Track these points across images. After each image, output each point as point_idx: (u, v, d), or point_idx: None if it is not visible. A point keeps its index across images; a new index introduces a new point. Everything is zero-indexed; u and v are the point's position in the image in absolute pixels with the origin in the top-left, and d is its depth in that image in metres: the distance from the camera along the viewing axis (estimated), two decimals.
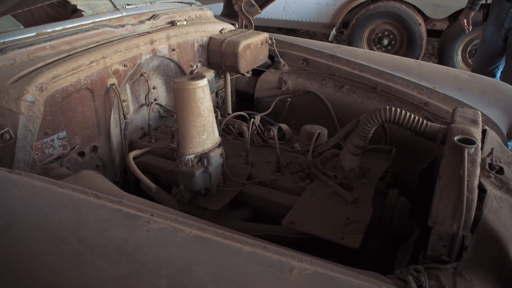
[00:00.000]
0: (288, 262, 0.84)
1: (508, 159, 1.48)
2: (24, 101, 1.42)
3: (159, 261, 0.81)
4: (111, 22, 1.96)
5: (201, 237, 0.89)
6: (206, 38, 2.27)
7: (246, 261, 0.83)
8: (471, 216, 1.07)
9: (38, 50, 1.63)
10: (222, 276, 0.78)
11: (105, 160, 1.88)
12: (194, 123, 1.44)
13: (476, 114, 1.53)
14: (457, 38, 5.20)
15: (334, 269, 0.88)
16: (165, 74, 2.16)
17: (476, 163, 1.21)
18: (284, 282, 0.79)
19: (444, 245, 1.07)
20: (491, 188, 1.26)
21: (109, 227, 0.91)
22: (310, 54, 2.46)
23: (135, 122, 2.05)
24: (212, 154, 1.51)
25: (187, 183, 1.51)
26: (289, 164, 1.75)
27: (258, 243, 0.91)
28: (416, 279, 0.97)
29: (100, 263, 0.80)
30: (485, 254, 1.06)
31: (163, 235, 0.89)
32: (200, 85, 1.41)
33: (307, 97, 2.33)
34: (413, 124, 1.44)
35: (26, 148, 1.46)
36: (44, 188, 1.06)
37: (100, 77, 1.73)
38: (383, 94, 2.14)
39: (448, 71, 2.29)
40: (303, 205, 1.44)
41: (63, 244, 0.85)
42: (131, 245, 0.85)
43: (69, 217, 0.94)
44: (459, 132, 1.35)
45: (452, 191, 1.11)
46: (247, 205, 1.66)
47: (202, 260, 0.81)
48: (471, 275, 1.01)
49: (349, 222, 1.35)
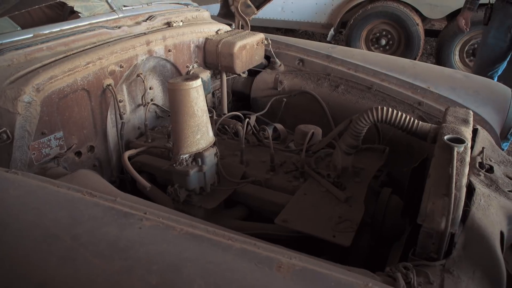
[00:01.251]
0: (276, 258, 0.86)
1: (499, 158, 1.50)
2: (21, 102, 1.44)
3: (150, 257, 0.83)
4: (107, 24, 1.97)
5: (192, 234, 0.91)
6: (202, 39, 2.29)
7: (235, 257, 0.85)
8: (459, 214, 1.08)
9: (35, 51, 1.65)
10: (211, 272, 0.80)
11: (101, 160, 1.90)
12: (188, 123, 1.46)
13: (467, 114, 1.54)
14: (455, 38, 5.22)
15: (322, 266, 0.89)
16: (161, 74, 2.18)
17: (465, 161, 1.23)
18: (272, 278, 0.81)
19: (432, 243, 1.09)
20: (480, 186, 1.28)
21: (103, 224, 0.93)
22: (306, 54, 2.48)
23: (131, 122, 2.07)
24: (206, 154, 1.53)
25: (182, 182, 1.53)
26: (283, 164, 1.77)
27: (248, 241, 0.93)
28: (404, 276, 0.99)
29: (92, 259, 0.82)
30: (473, 251, 1.07)
31: (155, 233, 0.91)
32: (194, 85, 1.43)
33: (302, 97, 2.35)
34: (404, 123, 1.46)
35: (23, 148, 1.48)
36: (39, 187, 1.08)
37: (97, 78, 1.75)
38: (378, 94, 2.16)
39: (442, 71, 2.31)
40: (296, 203, 1.46)
41: (57, 241, 0.87)
42: (123, 242, 0.87)
43: (64, 215, 0.96)
44: (449, 131, 1.37)
45: (440, 189, 1.13)
46: (242, 204, 1.68)
47: (192, 257, 0.83)
48: (459, 272, 1.02)
49: (341, 220, 1.36)
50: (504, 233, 1.18)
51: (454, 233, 1.09)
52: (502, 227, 1.18)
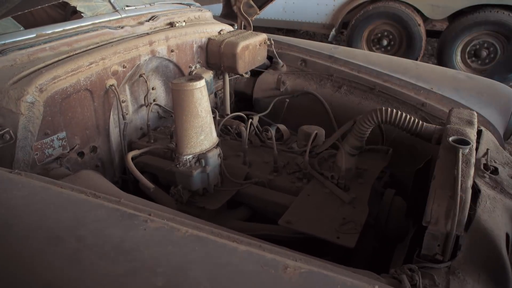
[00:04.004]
0: (282, 261, 0.85)
1: (503, 160, 1.50)
2: (24, 102, 1.44)
3: (155, 259, 0.82)
4: (110, 24, 1.97)
5: (197, 236, 0.90)
6: (205, 39, 2.29)
7: (241, 260, 0.84)
8: (464, 216, 1.08)
9: (38, 52, 1.64)
10: (217, 275, 0.79)
11: (104, 160, 1.89)
12: (192, 123, 1.46)
13: (471, 115, 1.54)
14: (456, 39, 5.21)
15: (328, 268, 0.89)
16: (164, 75, 2.18)
17: (470, 163, 1.22)
18: (279, 280, 0.80)
19: (438, 245, 1.08)
20: (485, 188, 1.27)
21: (107, 226, 0.92)
22: (308, 55, 2.47)
23: (134, 122, 2.07)
24: (209, 155, 1.52)
25: (185, 183, 1.53)
26: (287, 165, 1.77)
27: (253, 242, 0.92)
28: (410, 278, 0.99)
29: (97, 261, 0.82)
30: (479, 253, 1.07)
31: (160, 234, 0.90)
32: (198, 86, 1.43)
33: (305, 97, 2.35)
34: (408, 124, 1.46)
35: (26, 148, 1.47)
36: (43, 188, 1.08)
37: (99, 78, 1.74)
38: (380, 95, 2.16)
39: (445, 72, 2.30)
40: (300, 205, 1.46)
41: (61, 243, 0.87)
42: (128, 243, 0.86)
43: (68, 216, 0.96)
44: (454, 132, 1.36)
45: (446, 191, 1.12)
46: (245, 205, 1.67)
47: (197, 259, 0.83)
48: (464, 274, 1.02)
49: (345, 221, 1.36)
50: (510, 235, 1.18)
51: (459, 235, 1.08)
52: (507, 229, 1.18)
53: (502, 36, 4.98)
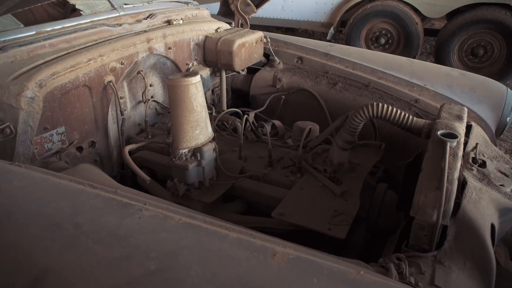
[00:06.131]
0: (271, 247, 0.89)
1: (492, 154, 1.53)
2: (24, 97, 1.47)
3: (149, 245, 0.86)
4: (108, 21, 2.00)
5: (190, 224, 0.94)
6: (202, 37, 2.32)
7: (231, 246, 0.87)
8: (450, 207, 1.11)
9: (37, 48, 1.68)
10: (207, 259, 0.82)
11: (102, 155, 1.93)
12: (187, 118, 1.49)
13: (461, 110, 1.57)
14: (454, 37, 5.24)
15: (316, 255, 0.92)
16: (161, 72, 2.21)
17: (458, 156, 1.25)
18: (267, 265, 0.84)
19: (425, 235, 1.12)
20: (472, 180, 1.30)
21: (103, 214, 0.96)
22: (304, 52, 2.50)
23: (132, 118, 2.10)
24: (205, 149, 1.56)
25: (181, 176, 1.56)
26: (281, 159, 1.80)
27: (244, 230, 0.96)
28: (397, 267, 1.02)
29: (94, 246, 0.85)
30: (464, 242, 1.10)
31: (154, 222, 0.94)
32: (193, 82, 1.46)
33: (301, 94, 2.38)
34: (399, 119, 1.49)
35: (26, 143, 1.51)
36: (42, 178, 1.11)
37: (98, 75, 1.78)
38: (375, 92, 2.19)
39: (439, 69, 2.33)
40: (293, 198, 1.49)
41: (59, 229, 0.90)
42: (123, 230, 0.90)
43: (66, 205, 0.99)
44: (443, 127, 1.39)
45: (433, 182, 1.16)
46: (240, 199, 1.71)
47: (189, 245, 0.86)
48: (450, 263, 1.05)
49: (336, 214, 1.39)
50: (496, 226, 1.21)
51: (445, 225, 1.11)
52: (493, 220, 1.21)
53: (499, 34, 5.00)
